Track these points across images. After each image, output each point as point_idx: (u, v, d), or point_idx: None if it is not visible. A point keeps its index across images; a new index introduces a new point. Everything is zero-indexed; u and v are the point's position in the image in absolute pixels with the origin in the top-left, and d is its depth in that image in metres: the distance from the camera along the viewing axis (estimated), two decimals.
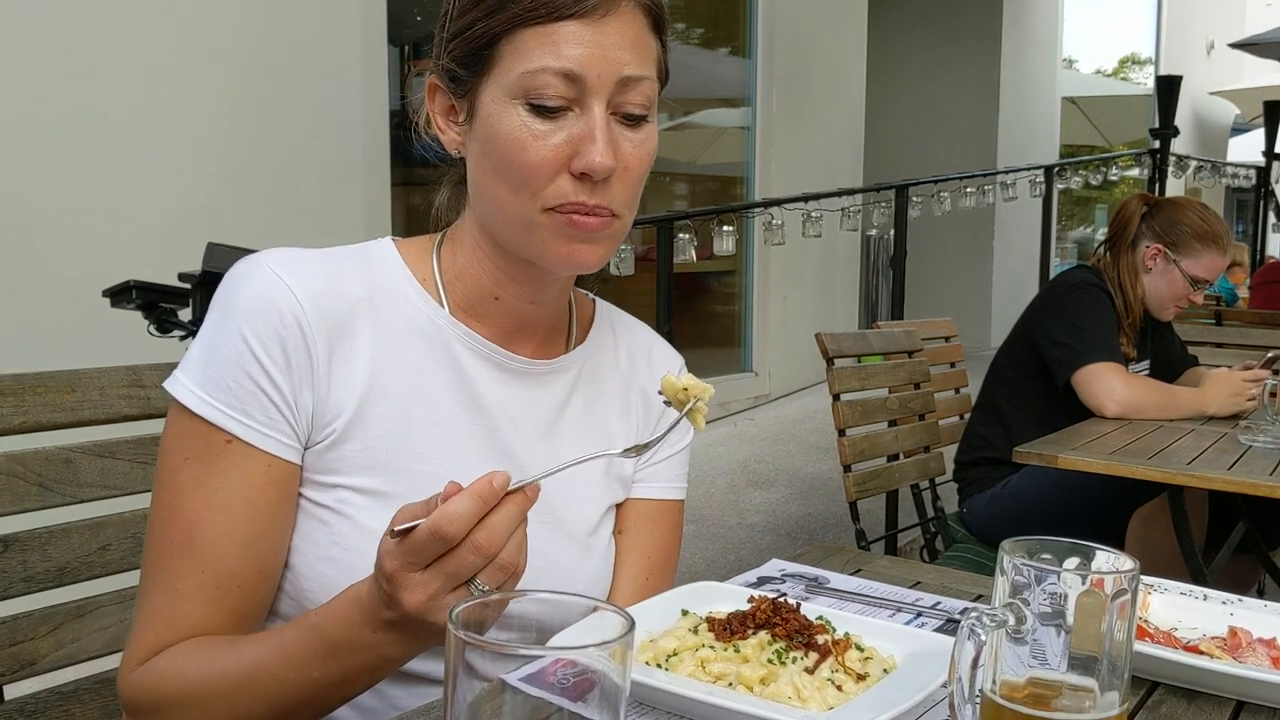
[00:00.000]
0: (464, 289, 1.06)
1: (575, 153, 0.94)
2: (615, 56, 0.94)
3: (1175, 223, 2.79)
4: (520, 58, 0.94)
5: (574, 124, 0.95)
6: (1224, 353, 3.70)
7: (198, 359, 0.96)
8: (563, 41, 0.93)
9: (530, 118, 0.94)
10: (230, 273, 0.99)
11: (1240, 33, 13.75)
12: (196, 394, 0.95)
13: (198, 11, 3.49)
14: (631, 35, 0.95)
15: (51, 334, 3.04)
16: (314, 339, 0.97)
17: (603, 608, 0.65)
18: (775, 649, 0.91)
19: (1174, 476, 2.13)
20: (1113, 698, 0.73)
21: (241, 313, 0.96)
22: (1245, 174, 9.89)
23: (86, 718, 1.16)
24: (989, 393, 2.90)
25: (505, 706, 0.63)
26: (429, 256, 1.07)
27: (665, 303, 3.95)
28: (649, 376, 1.19)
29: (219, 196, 3.52)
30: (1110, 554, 0.76)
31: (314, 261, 1.01)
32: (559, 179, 0.95)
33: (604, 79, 0.94)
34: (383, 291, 1.03)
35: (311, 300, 0.97)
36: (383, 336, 1.01)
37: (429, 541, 0.79)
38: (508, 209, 0.98)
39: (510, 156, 0.95)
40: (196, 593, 0.94)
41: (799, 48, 6.55)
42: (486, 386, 1.05)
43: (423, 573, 0.80)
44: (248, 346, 0.95)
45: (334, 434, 0.98)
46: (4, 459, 1.11)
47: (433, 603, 0.81)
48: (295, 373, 0.96)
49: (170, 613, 0.94)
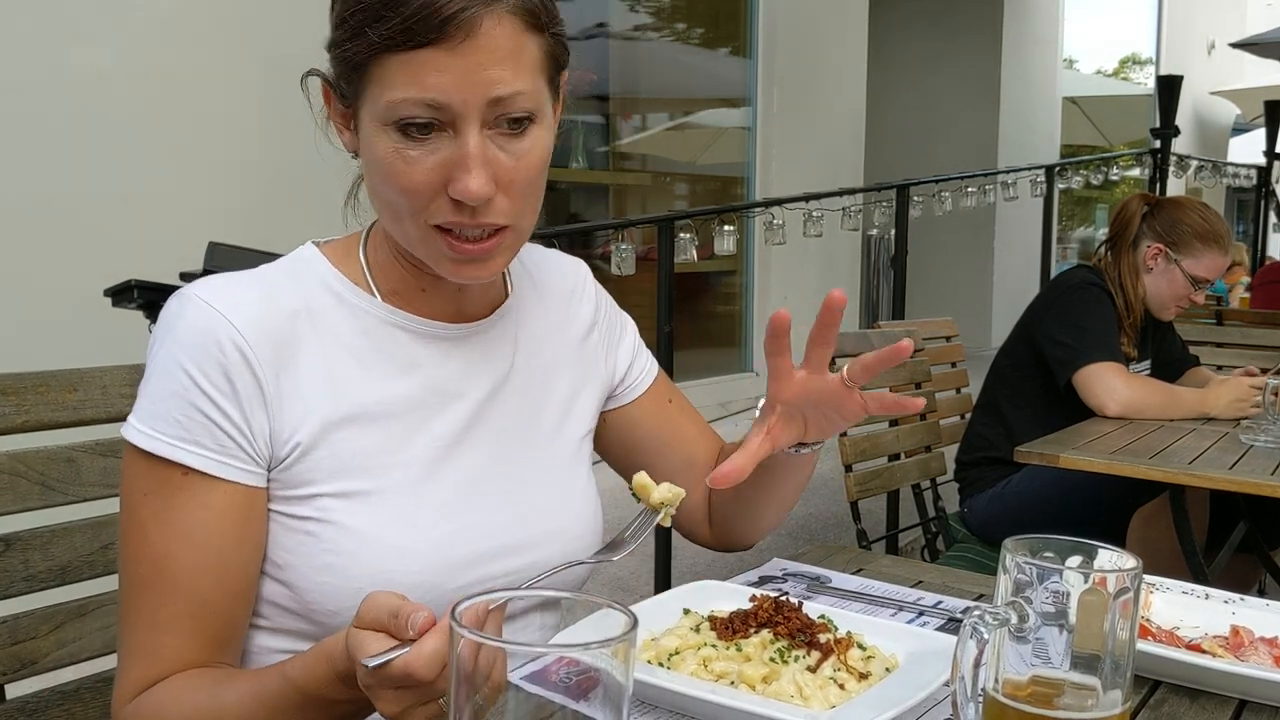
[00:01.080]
0: (392, 282, 1.07)
1: (449, 177, 0.93)
2: (481, 79, 0.90)
3: (1176, 222, 2.79)
4: (384, 86, 0.91)
5: (447, 147, 0.92)
6: (1224, 352, 3.70)
7: (144, 399, 0.96)
8: (423, 70, 0.89)
9: (402, 143, 0.93)
10: (163, 311, 0.99)
11: (1241, 32, 13.74)
12: (146, 433, 0.95)
13: (199, 11, 3.49)
14: (502, 50, 0.91)
15: (53, 333, 3.04)
16: (257, 362, 0.96)
17: (606, 607, 0.65)
18: (777, 648, 0.91)
19: (1175, 476, 2.13)
20: (1115, 696, 0.73)
21: (180, 347, 0.95)
22: (1246, 174, 9.87)
23: (88, 716, 1.16)
24: (990, 392, 2.90)
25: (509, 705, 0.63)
26: (355, 252, 1.08)
27: (666, 302, 3.95)
28: (579, 310, 1.23)
29: (220, 196, 3.52)
30: (1113, 552, 0.76)
31: (244, 285, 1.00)
32: (438, 199, 0.94)
33: (471, 104, 0.90)
34: (316, 298, 1.03)
35: (249, 324, 0.97)
36: (325, 342, 1.01)
37: (403, 679, 0.77)
38: (395, 224, 0.99)
39: (387, 180, 0.95)
40: (173, 624, 0.95)
41: (799, 48, 6.54)
42: (434, 363, 1.06)
43: (396, 691, 0.79)
44: (190, 379, 0.94)
45: (298, 448, 0.98)
46: (6, 458, 1.11)
47: (407, 714, 0.80)
48: (244, 398, 0.96)
49: (152, 646, 0.95)
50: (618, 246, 4.18)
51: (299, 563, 0.98)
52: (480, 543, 1.04)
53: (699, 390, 5.44)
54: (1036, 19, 10.06)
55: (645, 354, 1.30)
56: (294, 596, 0.99)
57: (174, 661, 0.95)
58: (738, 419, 5.82)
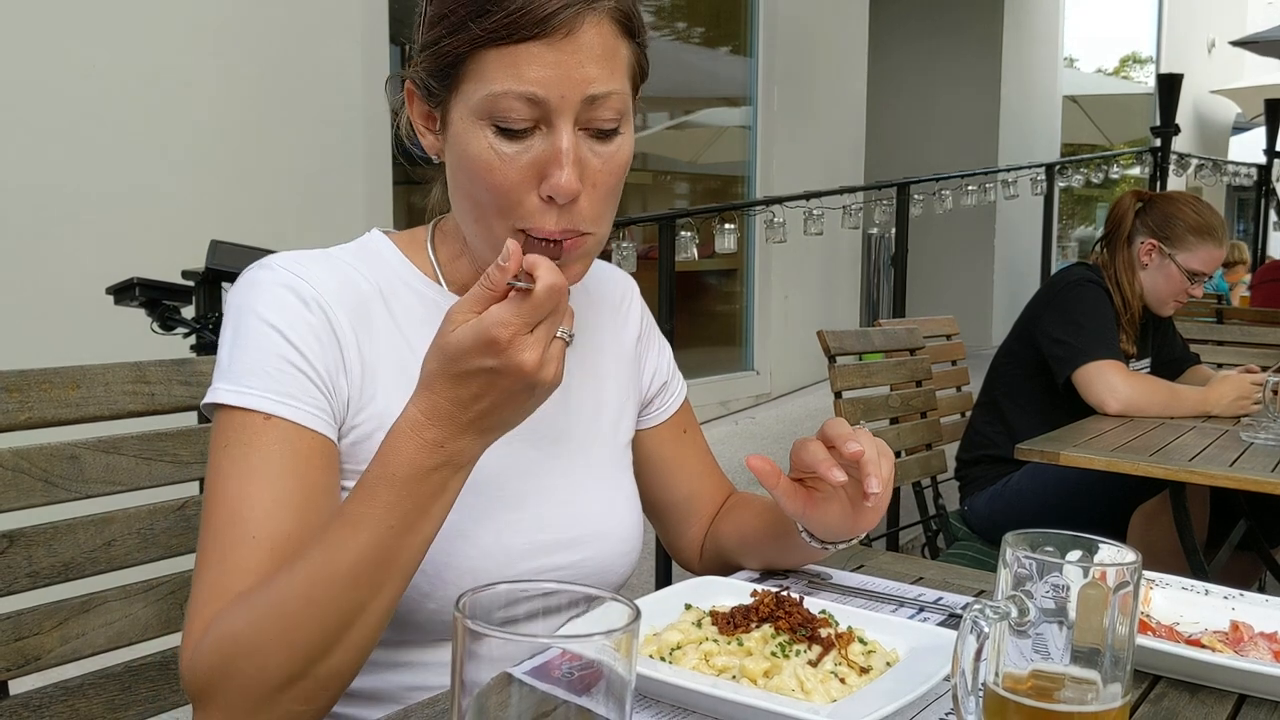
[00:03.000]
0: (461, 277, 1.08)
1: (542, 175, 0.94)
2: (580, 76, 0.92)
3: (1169, 217, 2.79)
4: (483, 80, 0.92)
5: (541, 145, 0.94)
6: (1225, 350, 3.70)
7: (224, 361, 0.97)
8: (524, 64, 0.91)
9: (496, 140, 0.93)
10: (241, 278, 1.00)
11: (1241, 31, 13.73)
12: (228, 389, 0.95)
13: (200, 10, 3.49)
14: (599, 49, 0.93)
15: (55, 330, 3.05)
16: (340, 326, 0.98)
17: (608, 599, 0.65)
18: (779, 642, 0.92)
19: (1176, 473, 2.14)
20: (1115, 690, 0.73)
21: (264, 307, 0.96)
22: (1246, 172, 9.88)
23: (92, 713, 1.16)
24: (990, 390, 2.90)
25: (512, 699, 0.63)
26: (423, 245, 1.10)
27: (667, 301, 3.95)
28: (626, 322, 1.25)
29: (222, 194, 3.52)
30: (1113, 547, 0.76)
31: (320, 261, 1.02)
32: (527, 199, 0.95)
33: (568, 100, 0.92)
34: (389, 282, 1.05)
35: (329, 294, 0.99)
36: (400, 323, 1.03)
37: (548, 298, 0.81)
38: (477, 224, 0.99)
39: (478, 177, 0.95)
40: (246, 562, 0.90)
41: (800, 46, 6.54)
42: None
43: (532, 333, 0.82)
44: (279, 333, 0.96)
45: (362, 428, 0.99)
46: (9, 455, 1.11)
47: (545, 355, 0.82)
48: (329, 355, 0.97)
49: (221, 587, 0.90)
50: (619, 245, 4.19)
51: None
52: (538, 535, 1.06)
53: (699, 389, 5.44)
54: (1037, 17, 10.06)
55: (678, 379, 1.31)
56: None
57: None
58: (738, 418, 5.82)
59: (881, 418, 2.74)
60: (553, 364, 0.84)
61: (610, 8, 0.93)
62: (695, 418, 1.33)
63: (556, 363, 0.84)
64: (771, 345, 6.34)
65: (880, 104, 8.13)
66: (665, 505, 1.31)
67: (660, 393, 1.28)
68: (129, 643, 1.19)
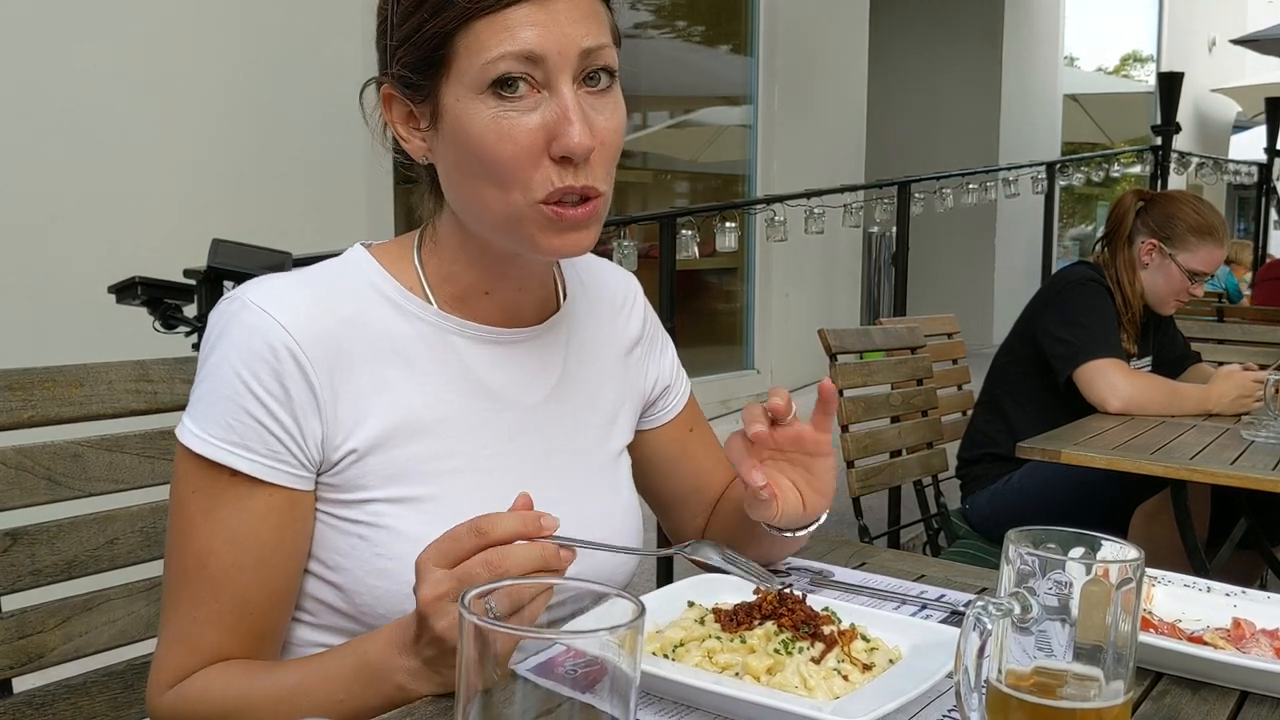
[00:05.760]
0: (452, 289, 1.06)
1: (552, 136, 0.94)
2: (571, 31, 0.93)
3: (1169, 217, 2.79)
4: (477, 50, 0.92)
5: (545, 107, 0.94)
6: (1226, 349, 3.70)
7: (198, 402, 0.97)
8: (516, 26, 0.92)
9: (500, 107, 0.93)
10: (215, 313, 0.99)
11: (1241, 29, 13.72)
12: (197, 435, 0.95)
13: (201, 9, 3.49)
14: (584, 6, 0.95)
15: (58, 329, 3.05)
16: (311, 368, 0.96)
17: (614, 595, 0.65)
18: (781, 639, 0.92)
19: (1177, 471, 2.14)
20: (1118, 687, 0.73)
21: (234, 351, 0.95)
22: (1247, 171, 9.88)
23: (94, 711, 1.17)
24: (991, 389, 2.90)
25: (516, 696, 0.63)
26: (409, 257, 1.07)
27: (668, 300, 3.95)
28: (628, 323, 1.23)
29: (224, 193, 3.52)
30: (1115, 544, 0.76)
31: (296, 289, 0.99)
32: (542, 166, 0.94)
33: (565, 55, 0.93)
34: (369, 303, 1.02)
35: (303, 329, 0.96)
36: (379, 348, 1.01)
37: (462, 534, 0.82)
38: (493, 206, 0.97)
39: (487, 152, 0.94)
40: (214, 619, 0.96)
41: (801, 45, 6.54)
42: (488, 369, 1.06)
43: (443, 571, 0.83)
44: (244, 384, 0.94)
45: (353, 454, 0.99)
46: (12, 453, 1.11)
47: (439, 603, 0.82)
48: (297, 404, 0.96)
49: (192, 638, 0.96)
50: (619, 244, 4.19)
51: (352, 566, 0.99)
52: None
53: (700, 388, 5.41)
54: (1037, 16, 10.05)
55: (682, 379, 1.30)
56: (345, 598, 1.00)
57: (212, 654, 0.96)
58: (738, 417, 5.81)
59: (882, 416, 2.74)
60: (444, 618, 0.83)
61: None
62: (702, 413, 1.32)
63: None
64: (772, 344, 6.34)
65: (881, 102, 8.13)
66: (670, 501, 1.31)
67: (663, 395, 1.27)
68: (131, 641, 1.20)
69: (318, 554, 1.00)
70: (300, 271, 1.03)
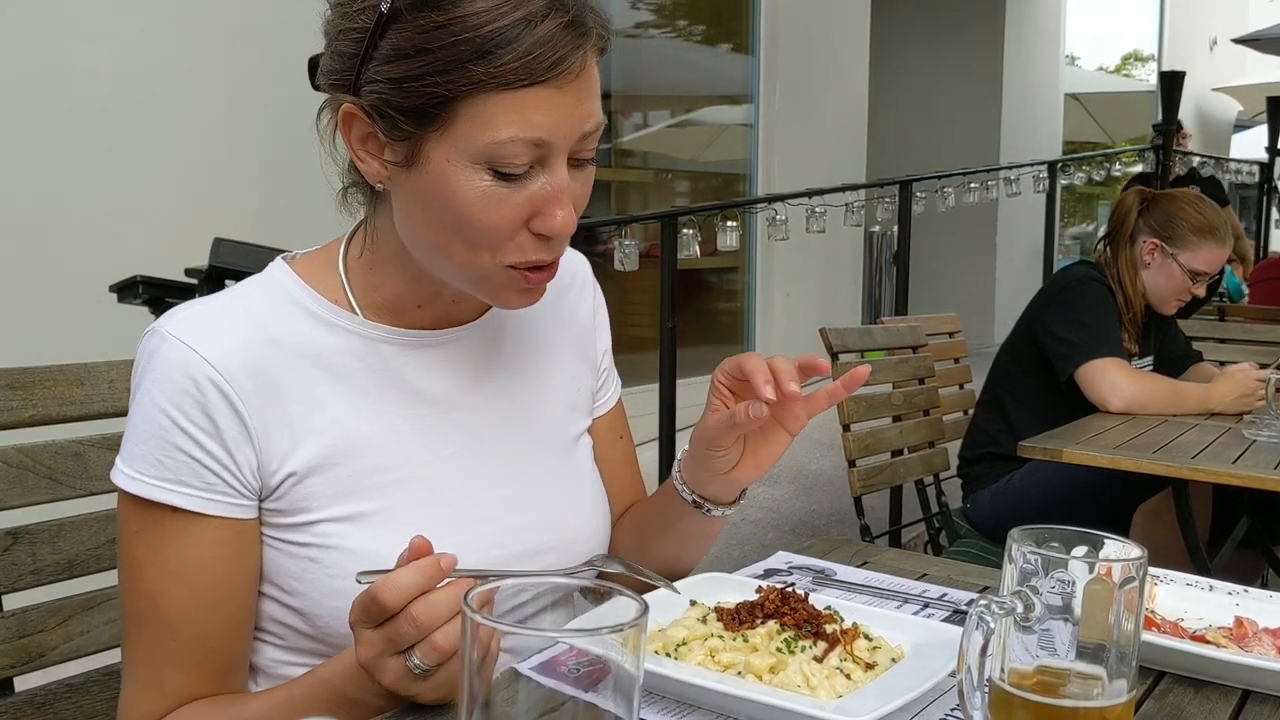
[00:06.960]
0: (381, 299, 1.03)
1: (537, 212, 0.92)
2: (579, 115, 0.91)
3: (1171, 217, 2.79)
4: (483, 124, 0.88)
5: (536, 183, 0.91)
6: (1226, 348, 3.70)
7: (129, 441, 0.96)
8: (531, 109, 0.88)
9: (494, 184, 0.90)
10: (139, 351, 0.97)
11: (1243, 28, 13.71)
12: (131, 475, 0.94)
13: (203, 8, 3.49)
14: (593, 84, 0.92)
15: (59, 328, 3.04)
16: (237, 397, 0.94)
17: (617, 594, 0.65)
18: (784, 638, 0.92)
19: (1179, 470, 2.14)
20: (1120, 685, 0.73)
21: (157, 388, 0.93)
22: (1248, 170, 9.87)
23: (95, 709, 1.17)
24: (992, 389, 2.90)
25: (519, 694, 0.63)
26: (333, 267, 1.04)
27: (669, 299, 3.95)
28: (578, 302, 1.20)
29: (225, 192, 3.52)
30: (1118, 542, 0.76)
31: (218, 316, 0.97)
32: (519, 236, 0.93)
33: (569, 138, 0.91)
34: (292, 321, 1.00)
35: (225, 359, 0.94)
36: (306, 366, 0.99)
37: (369, 604, 0.81)
38: (457, 259, 0.95)
39: (470, 218, 0.91)
40: (175, 658, 0.95)
41: (801, 44, 6.54)
42: (422, 374, 1.04)
43: (371, 631, 0.82)
44: (170, 420, 0.93)
45: (292, 477, 0.97)
46: (14, 452, 1.11)
47: (376, 661, 0.82)
48: (226, 435, 0.94)
49: (156, 680, 0.95)
50: (620, 243, 4.18)
51: (307, 589, 0.97)
52: (492, 551, 1.02)
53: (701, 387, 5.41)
54: (1038, 15, 10.05)
55: (614, 374, 1.27)
56: (307, 621, 0.98)
57: (180, 695, 0.95)
58: None
59: (884, 415, 2.74)
60: (387, 674, 0.83)
61: (597, 37, 0.92)
62: (628, 423, 1.28)
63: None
64: (773, 343, 6.34)
65: (882, 101, 8.13)
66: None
67: (605, 379, 1.23)
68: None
69: (273, 579, 0.99)
70: (220, 295, 1.02)
